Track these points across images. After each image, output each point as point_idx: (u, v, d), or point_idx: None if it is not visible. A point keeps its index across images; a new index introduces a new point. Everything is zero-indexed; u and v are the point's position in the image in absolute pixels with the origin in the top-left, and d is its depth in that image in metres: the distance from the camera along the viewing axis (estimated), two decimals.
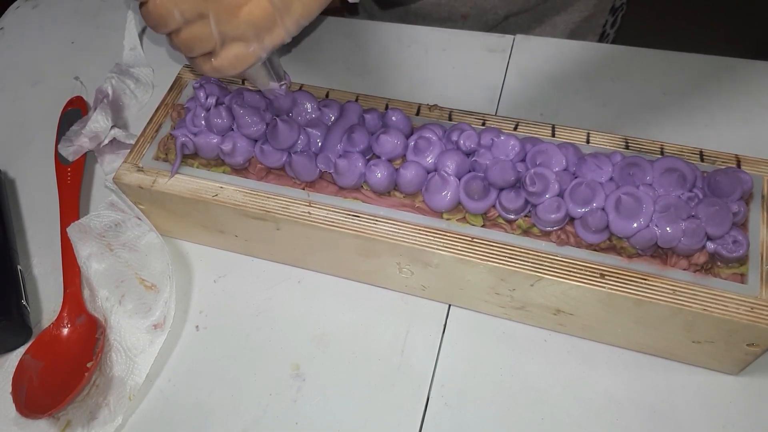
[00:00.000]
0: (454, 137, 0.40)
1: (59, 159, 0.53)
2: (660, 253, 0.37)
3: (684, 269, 0.36)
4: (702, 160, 0.40)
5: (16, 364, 0.43)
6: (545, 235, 0.38)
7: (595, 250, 0.38)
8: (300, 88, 0.45)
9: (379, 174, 0.39)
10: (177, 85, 0.48)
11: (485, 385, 0.41)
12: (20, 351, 0.45)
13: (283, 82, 0.40)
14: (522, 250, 0.38)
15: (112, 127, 0.52)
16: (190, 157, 0.44)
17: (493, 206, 0.39)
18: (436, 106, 0.45)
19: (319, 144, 0.41)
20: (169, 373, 0.44)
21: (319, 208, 0.41)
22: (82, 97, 0.58)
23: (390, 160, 0.41)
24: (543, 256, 0.38)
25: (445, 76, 0.57)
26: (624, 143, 0.41)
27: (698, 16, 1.52)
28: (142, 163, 0.45)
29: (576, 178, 0.38)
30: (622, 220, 0.36)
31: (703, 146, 0.41)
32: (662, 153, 0.41)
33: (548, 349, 0.43)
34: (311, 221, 0.40)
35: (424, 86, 0.56)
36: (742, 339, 0.36)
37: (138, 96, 0.59)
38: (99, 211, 0.48)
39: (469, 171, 0.39)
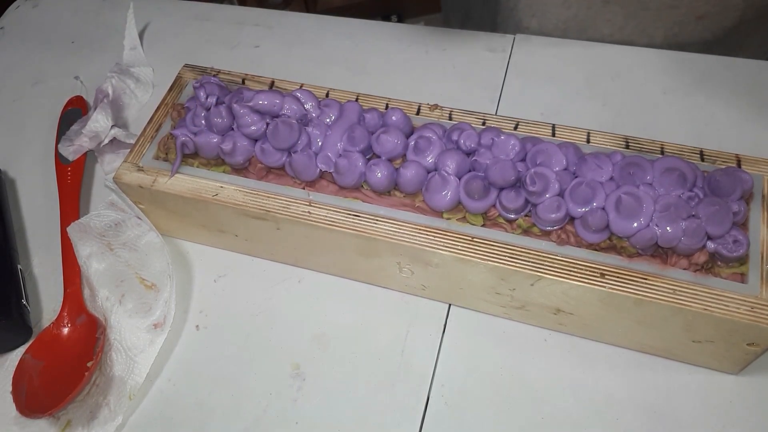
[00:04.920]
0: (455, 137, 0.40)
1: (59, 159, 0.53)
2: (660, 252, 0.37)
3: (684, 269, 0.36)
4: (702, 159, 0.40)
5: (16, 363, 0.43)
6: (545, 234, 0.38)
7: (596, 249, 0.38)
8: (300, 88, 0.45)
9: (379, 173, 0.39)
10: (177, 85, 0.48)
11: (485, 385, 0.41)
12: (20, 351, 0.45)
13: None
14: (522, 250, 0.38)
15: (112, 126, 0.52)
16: (191, 156, 0.44)
17: (494, 206, 0.39)
18: (436, 105, 0.45)
19: (319, 144, 0.41)
20: (169, 373, 0.44)
21: (319, 207, 0.41)
22: (82, 97, 0.58)
23: (390, 160, 0.41)
24: (543, 256, 0.38)
25: (445, 76, 0.57)
26: (624, 143, 0.41)
27: None
28: (142, 162, 0.45)
29: (576, 177, 0.38)
30: (623, 220, 0.36)
31: (703, 146, 0.41)
32: (662, 152, 0.41)
33: (548, 348, 0.42)
34: (311, 221, 0.40)
35: (424, 86, 0.56)
36: (743, 339, 0.36)
37: (138, 96, 0.59)
38: (99, 211, 0.48)
39: (470, 170, 0.39)
